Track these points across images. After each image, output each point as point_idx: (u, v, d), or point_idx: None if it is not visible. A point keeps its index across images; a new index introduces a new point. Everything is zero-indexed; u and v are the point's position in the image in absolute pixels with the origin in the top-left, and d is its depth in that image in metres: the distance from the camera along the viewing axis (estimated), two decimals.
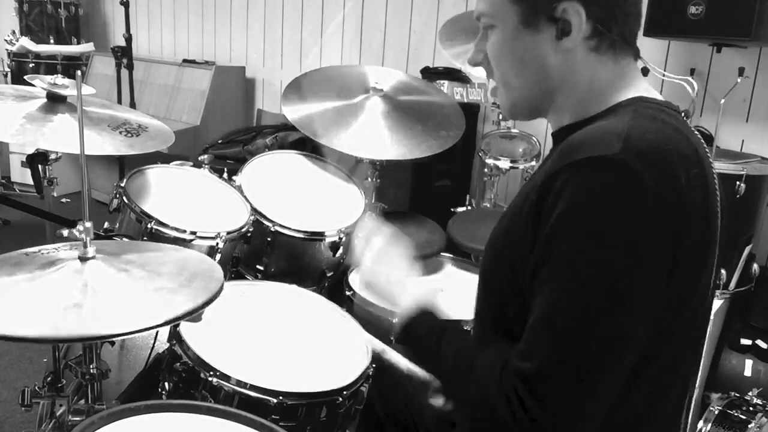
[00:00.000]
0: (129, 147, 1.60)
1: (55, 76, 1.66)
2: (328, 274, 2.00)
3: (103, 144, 1.56)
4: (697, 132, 0.93)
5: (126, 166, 3.35)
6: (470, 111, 2.84)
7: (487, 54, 0.96)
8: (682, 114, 0.93)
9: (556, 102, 0.95)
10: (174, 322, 0.99)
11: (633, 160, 0.77)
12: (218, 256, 1.75)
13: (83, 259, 1.10)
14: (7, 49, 4.42)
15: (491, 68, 0.98)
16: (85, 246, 1.10)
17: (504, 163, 2.52)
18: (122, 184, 1.78)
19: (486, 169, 2.61)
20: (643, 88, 0.94)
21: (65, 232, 1.17)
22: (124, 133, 1.61)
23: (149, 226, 1.68)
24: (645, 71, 2.13)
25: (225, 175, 2.03)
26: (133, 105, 3.34)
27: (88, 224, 1.11)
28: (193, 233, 1.71)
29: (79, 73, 1.09)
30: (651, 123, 0.84)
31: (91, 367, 1.27)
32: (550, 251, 0.81)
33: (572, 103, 0.94)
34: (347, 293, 1.78)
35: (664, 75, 0.87)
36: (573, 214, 0.78)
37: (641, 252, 0.78)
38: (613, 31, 0.90)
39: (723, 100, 2.28)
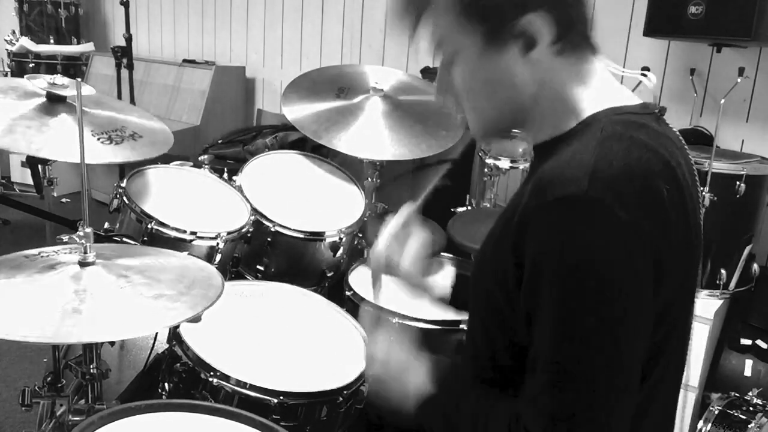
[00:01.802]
0: (128, 153, 1.60)
1: (55, 76, 1.66)
2: (328, 274, 2.00)
3: (100, 153, 1.56)
4: (675, 132, 0.92)
5: (126, 166, 3.34)
6: None
7: (453, 87, 0.93)
8: (657, 111, 0.90)
9: (531, 116, 0.92)
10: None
11: (601, 194, 0.76)
12: (218, 257, 1.75)
13: (83, 264, 1.10)
14: (7, 49, 4.42)
15: (458, 100, 0.94)
16: (85, 251, 1.10)
17: (504, 163, 2.52)
18: (122, 185, 1.78)
19: (486, 169, 2.61)
20: (613, 91, 0.92)
21: (65, 238, 1.17)
22: (105, 141, 1.59)
23: (149, 226, 1.68)
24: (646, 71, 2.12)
25: (225, 175, 2.03)
26: (133, 105, 3.34)
27: (88, 230, 1.11)
28: (193, 233, 1.71)
29: (79, 79, 1.09)
30: (618, 145, 0.81)
31: (91, 367, 1.27)
32: (536, 298, 0.81)
33: (547, 115, 0.91)
34: (347, 293, 1.78)
35: (623, 71, 0.87)
36: (550, 258, 0.78)
37: (625, 284, 0.77)
38: (576, 31, 0.88)
39: (723, 100, 2.28)
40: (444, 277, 1.32)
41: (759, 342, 2.21)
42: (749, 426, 1.83)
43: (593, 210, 0.76)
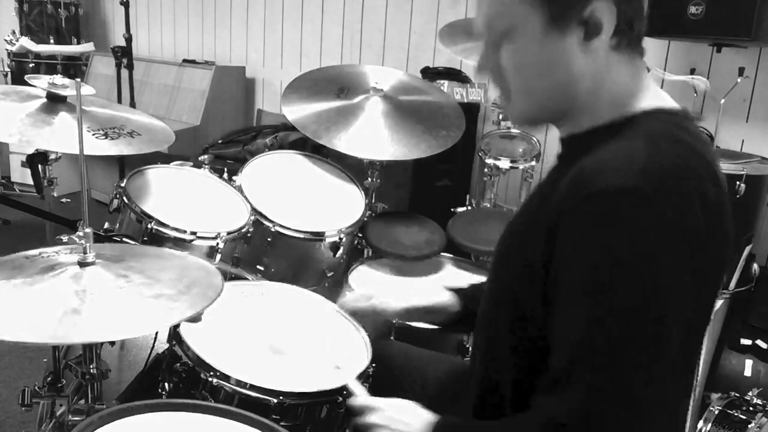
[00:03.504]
0: (127, 147, 1.60)
1: (54, 75, 1.66)
2: (328, 274, 2.00)
3: (101, 146, 1.56)
4: (706, 137, 0.92)
5: (126, 166, 3.35)
6: (470, 111, 2.84)
7: (501, 63, 0.90)
8: (694, 120, 0.90)
9: (576, 106, 0.90)
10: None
11: (650, 189, 0.76)
12: (218, 257, 1.75)
13: (83, 264, 1.10)
14: (7, 49, 4.42)
15: (503, 77, 0.92)
16: (84, 252, 1.10)
17: (504, 163, 2.52)
18: (122, 185, 1.77)
19: (486, 169, 2.61)
20: (656, 93, 0.92)
21: (65, 238, 1.17)
22: (101, 137, 1.58)
23: (149, 226, 1.68)
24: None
25: (225, 175, 2.03)
26: (133, 105, 3.34)
27: (88, 230, 1.10)
28: (193, 233, 1.71)
29: (78, 80, 1.09)
30: (668, 146, 0.81)
31: (91, 367, 1.27)
32: (568, 288, 0.80)
33: (591, 107, 0.90)
34: (347, 293, 1.78)
35: (664, 75, 0.86)
36: (593, 246, 0.77)
37: (667, 280, 0.77)
38: (636, 29, 0.87)
39: (723, 100, 2.28)
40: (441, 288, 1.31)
41: (759, 342, 2.21)
42: (749, 426, 1.83)
43: (642, 204, 0.76)
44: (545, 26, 0.85)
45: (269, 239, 1.89)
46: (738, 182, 2.10)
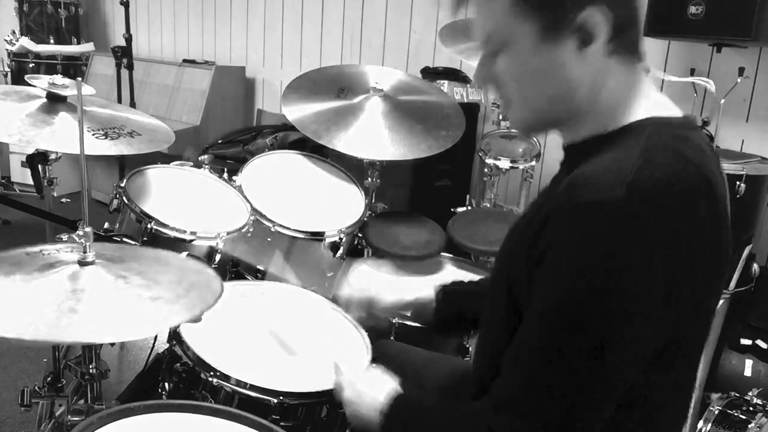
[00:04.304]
0: (127, 147, 1.60)
1: (54, 75, 1.66)
2: (328, 274, 2.00)
3: (101, 146, 1.56)
4: (707, 141, 0.90)
5: (126, 166, 3.35)
6: (470, 111, 2.84)
7: (499, 74, 0.90)
8: (700, 126, 0.91)
9: (576, 113, 0.90)
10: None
11: (636, 206, 0.75)
12: (218, 257, 1.75)
13: (82, 263, 1.10)
14: (7, 49, 4.42)
15: (502, 86, 0.92)
16: (84, 251, 1.10)
17: (504, 163, 2.52)
18: (122, 185, 1.77)
19: (486, 169, 2.61)
20: (657, 99, 0.91)
21: (65, 238, 1.16)
22: (100, 137, 1.58)
23: (149, 226, 1.68)
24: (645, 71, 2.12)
25: (225, 175, 2.03)
26: (133, 105, 3.34)
27: (88, 229, 1.10)
28: (193, 233, 1.71)
29: (79, 79, 1.08)
30: (662, 156, 0.80)
31: (90, 367, 1.27)
32: (539, 289, 0.81)
33: (590, 115, 0.89)
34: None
35: (665, 76, 0.85)
36: (568, 256, 0.78)
37: (629, 301, 0.76)
38: (631, 34, 0.87)
39: (723, 100, 2.28)
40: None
41: (759, 342, 2.20)
42: (749, 426, 1.83)
43: (625, 220, 0.75)
44: (539, 36, 0.84)
45: (269, 239, 1.89)
46: (738, 182, 2.10)
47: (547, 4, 0.83)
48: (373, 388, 1.04)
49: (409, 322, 1.63)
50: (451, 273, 2.05)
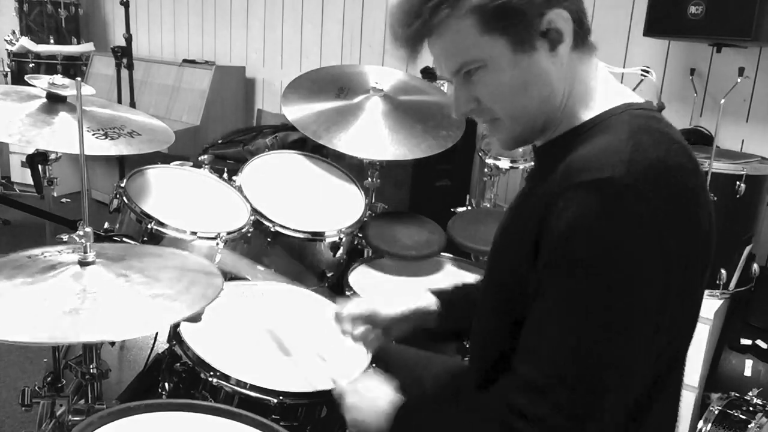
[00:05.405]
0: (127, 147, 1.60)
1: (54, 75, 1.66)
2: (328, 274, 2.00)
3: (101, 146, 1.56)
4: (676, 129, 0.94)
5: (126, 166, 3.35)
6: None
7: (480, 98, 0.91)
8: (660, 111, 0.94)
9: (559, 113, 0.92)
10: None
11: (640, 182, 0.77)
12: (218, 257, 1.75)
13: (83, 263, 1.10)
14: (7, 49, 4.42)
15: (485, 110, 0.93)
16: (85, 251, 1.10)
17: (504, 163, 2.52)
18: (122, 185, 1.78)
19: (486, 169, 2.61)
20: (615, 87, 0.94)
21: (65, 238, 1.17)
22: (100, 137, 1.58)
23: (149, 226, 1.68)
24: (646, 71, 2.13)
25: (225, 175, 2.03)
26: (133, 105, 3.34)
27: (88, 229, 1.11)
28: (193, 233, 1.71)
29: (79, 79, 1.08)
30: (650, 137, 0.83)
31: (91, 367, 1.27)
32: (555, 272, 0.81)
33: (567, 109, 0.92)
34: (347, 293, 1.78)
35: (622, 70, 0.87)
36: (579, 235, 0.78)
37: (648, 273, 0.78)
38: (584, 26, 0.90)
39: (723, 100, 2.28)
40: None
41: (759, 342, 2.20)
42: (749, 426, 1.83)
43: (630, 195, 0.77)
44: (512, 49, 0.86)
45: (269, 239, 1.89)
46: (738, 182, 2.10)
47: (511, 17, 0.84)
48: (376, 396, 1.03)
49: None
50: (451, 273, 2.05)
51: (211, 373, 1.25)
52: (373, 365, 1.36)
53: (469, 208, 2.53)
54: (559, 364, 0.79)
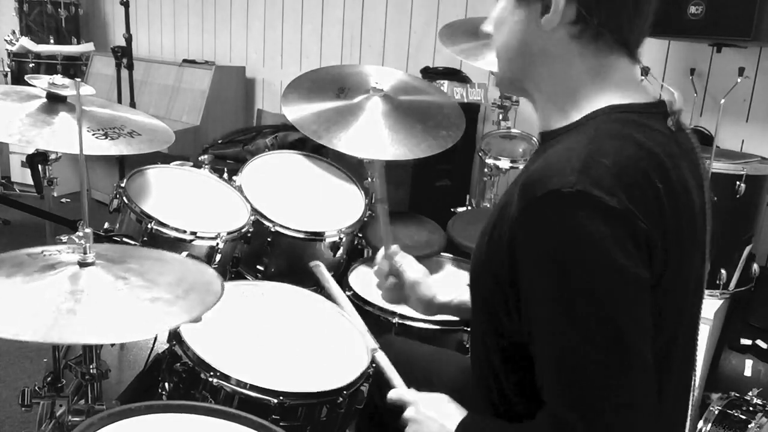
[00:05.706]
0: (127, 147, 1.60)
1: (54, 75, 1.66)
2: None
3: (101, 146, 1.56)
4: (687, 133, 0.93)
5: (126, 166, 3.35)
6: (470, 111, 2.84)
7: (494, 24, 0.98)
8: (672, 115, 0.90)
9: (538, 88, 0.94)
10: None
11: (589, 187, 0.76)
12: (218, 257, 1.75)
13: (82, 264, 1.10)
14: (7, 49, 4.42)
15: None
16: (84, 252, 1.10)
17: (504, 163, 2.52)
18: (122, 185, 1.78)
19: (486, 169, 2.61)
20: (628, 89, 0.91)
21: (64, 238, 1.16)
22: (100, 137, 1.58)
23: (149, 226, 1.68)
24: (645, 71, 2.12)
25: (225, 175, 2.03)
26: (133, 105, 3.34)
27: (88, 230, 1.10)
28: (193, 233, 1.71)
29: (78, 79, 1.08)
30: (610, 143, 0.82)
31: (91, 367, 1.27)
32: (533, 295, 0.82)
33: (556, 99, 0.92)
34: (347, 293, 1.78)
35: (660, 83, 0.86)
36: (543, 253, 0.79)
37: (618, 269, 0.77)
38: (595, 21, 0.87)
39: (723, 100, 2.28)
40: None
41: (759, 342, 2.21)
42: (749, 426, 1.83)
43: (582, 201, 0.77)
44: None
45: (269, 239, 1.89)
46: (738, 182, 2.10)
47: None
48: (441, 415, 1.02)
49: (409, 323, 1.64)
50: (451, 273, 2.05)
51: (211, 373, 1.25)
52: (373, 365, 1.36)
53: (469, 208, 2.53)
54: (574, 396, 0.80)
